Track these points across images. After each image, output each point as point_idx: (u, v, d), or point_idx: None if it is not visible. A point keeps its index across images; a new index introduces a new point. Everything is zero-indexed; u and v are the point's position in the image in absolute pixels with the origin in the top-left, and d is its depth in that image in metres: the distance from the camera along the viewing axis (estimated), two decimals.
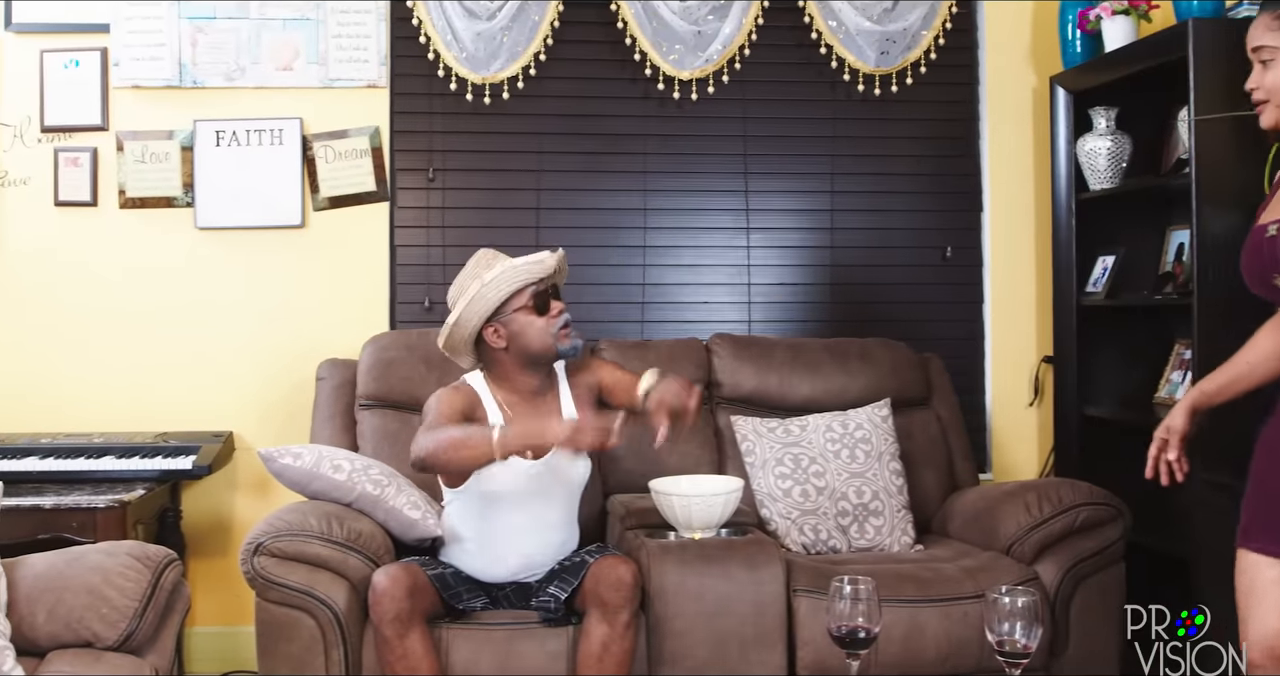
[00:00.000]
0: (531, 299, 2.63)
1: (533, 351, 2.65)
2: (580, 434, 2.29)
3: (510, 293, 2.61)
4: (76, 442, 3.30)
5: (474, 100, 3.62)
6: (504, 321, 2.63)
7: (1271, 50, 1.99)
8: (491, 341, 2.64)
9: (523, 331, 2.63)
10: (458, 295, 2.66)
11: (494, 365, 2.69)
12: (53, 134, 3.57)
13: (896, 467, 3.20)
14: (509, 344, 2.64)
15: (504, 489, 2.64)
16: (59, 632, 2.18)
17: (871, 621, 2.01)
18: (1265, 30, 2.01)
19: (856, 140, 3.79)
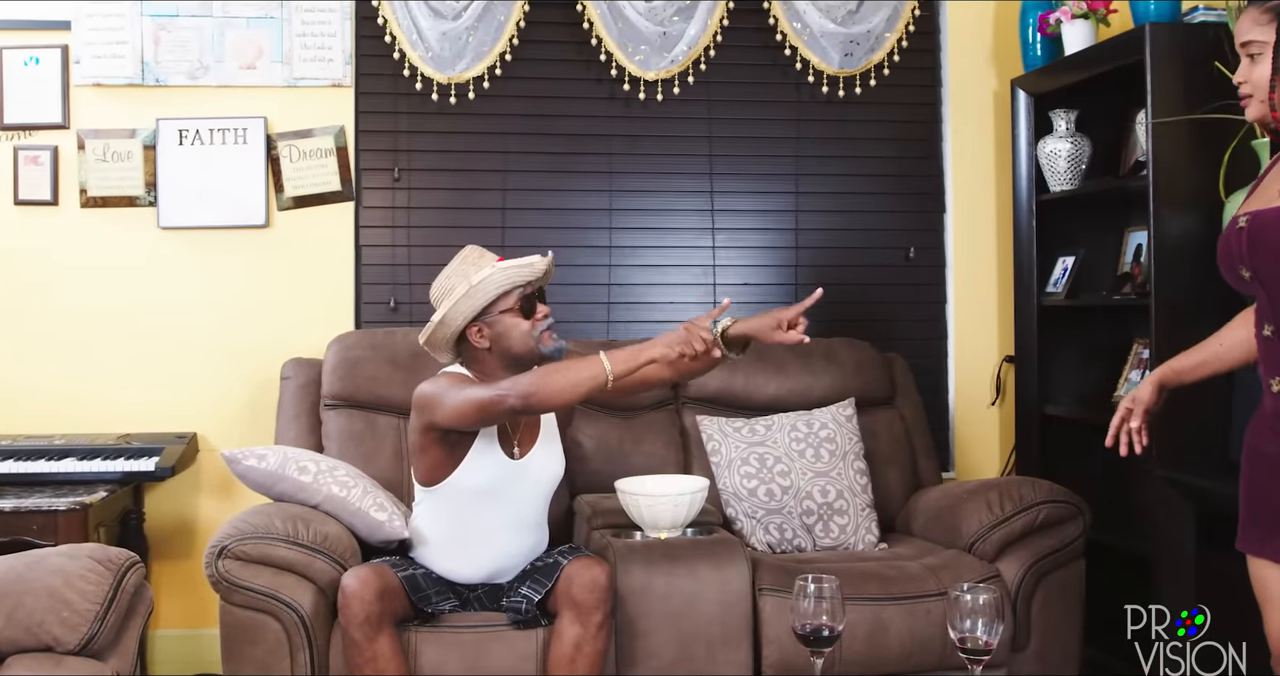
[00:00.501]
0: (518, 301, 2.63)
1: (515, 352, 2.64)
2: (687, 341, 2.39)
3: (498, 294, 2.61)
4: (37, 444, 3.27)
5: (439, 100, 3.62)
6: (489, 322, 2.62)
7: (1260, 45, 1.98)
8: (475, 341, 2.64)
9: (507, 333, 2.63)
10: (443, 292, 2.64)
11: (475, 363, 2.69)
12: (12, 132, 3.53)
13: (861, 466, 3.23)
14: (492, 344, 2.64)
15: (479, 487, 2.63)
16: (18, 637, 2.16)
17: (835, 619, 2.03)
18: (1253, 24, 2.00)
19: (821, 141, 3.82)
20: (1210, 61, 2.81)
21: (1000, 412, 3.86)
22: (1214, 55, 2.81)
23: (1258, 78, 1.98)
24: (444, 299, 2.62)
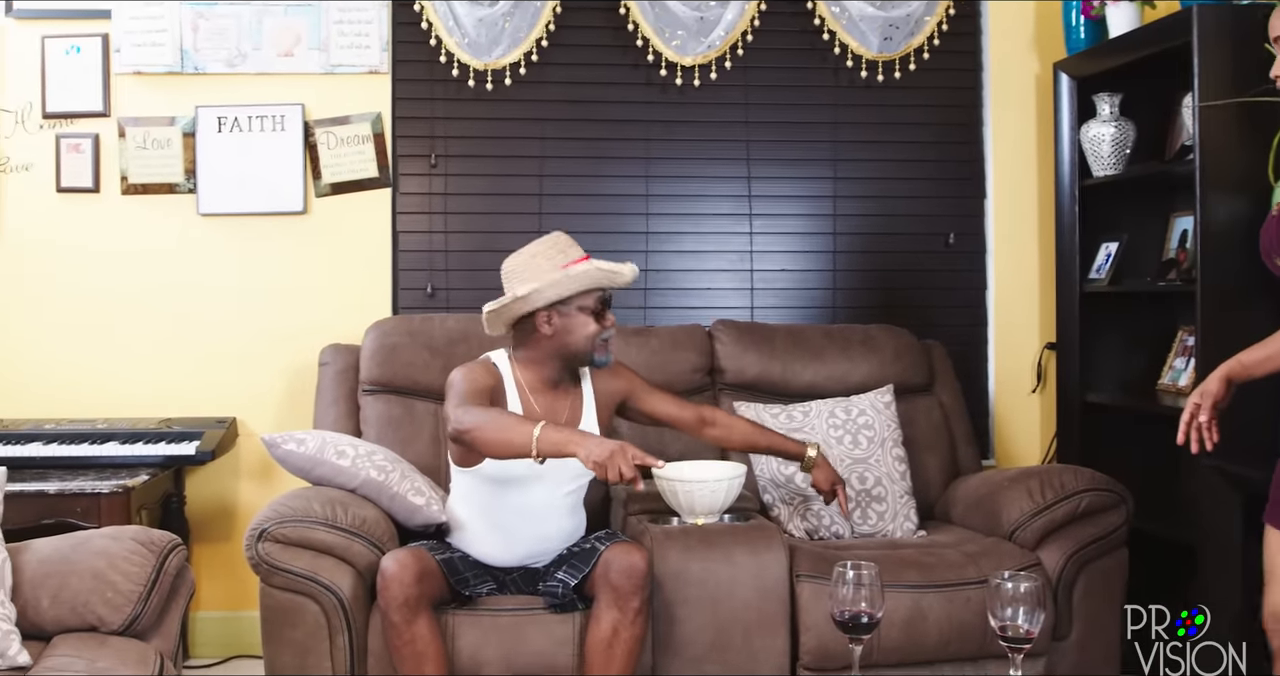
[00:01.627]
0: (596, 303, 2.65)
1: (572, 350, 2.66)
2: (620, 458, 2.26)
3: (584, 290, 2.63)
4: (80, 428, 3.31)
5: (476, 86, 3.62)
6: (563, 313, 2.64)
7: None
8: (540, 326, 2.64)
9: (574, 330, 2.64)
10: (525, 271, 2.62)
11: (528, 346, 2.70)
12: (54, 120, 3.57)
13: (899, 453, 3.21)
14: (555, 334, 2.65)
15: (516, 471, 2.64)
16: (64, 617, 2.19)
17: (874, 606, 2.01)
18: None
19: (859, 126, 3.78)
20: (1259, 43, 2.74)
21: (1041, 400, 3.82)
22: (1263, 37, 2.72)
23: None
24: (528, 276, 2.61)
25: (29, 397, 3.51)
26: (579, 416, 2.76)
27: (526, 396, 2.69)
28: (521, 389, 2.69)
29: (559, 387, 2.74)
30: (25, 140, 3.55)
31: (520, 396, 2.68)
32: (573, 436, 2.33)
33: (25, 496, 2.90)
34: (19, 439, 3.21)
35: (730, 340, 3.43)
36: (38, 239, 3.56)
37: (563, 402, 2.73)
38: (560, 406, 2.72)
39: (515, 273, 2.65)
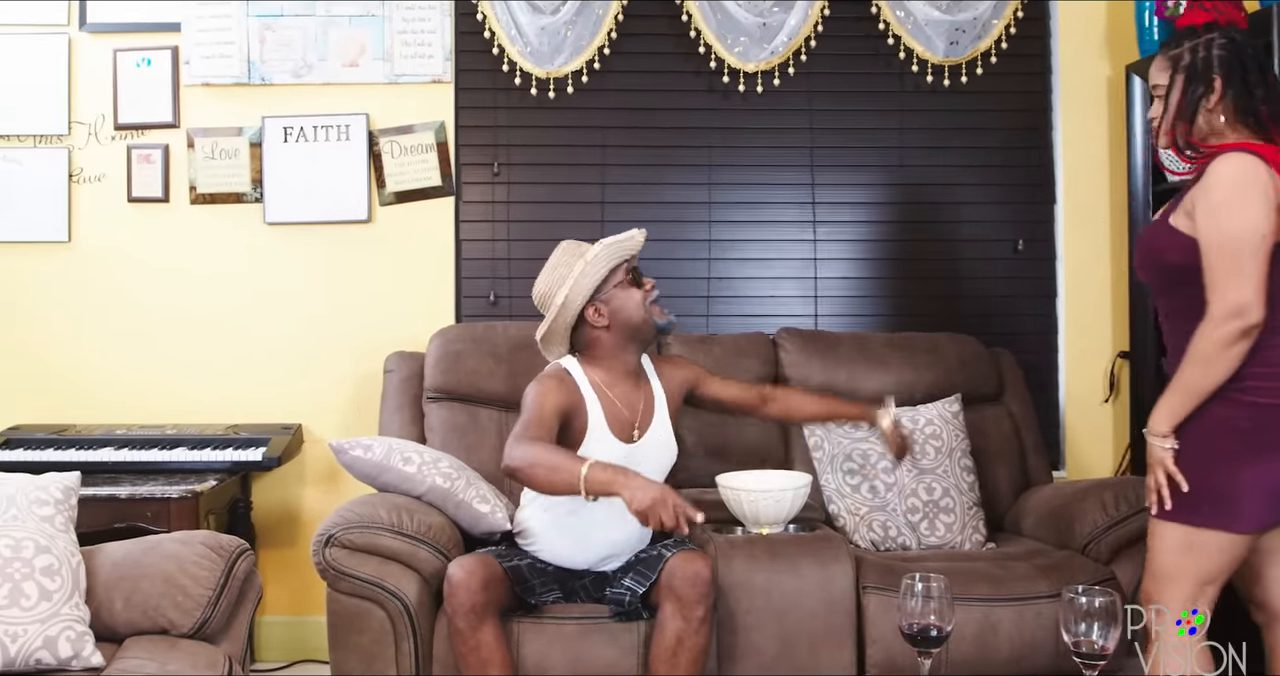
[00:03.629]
0: (627, 274, 2.69)
1: (634, 324, 2.68)
2: (662, 507, 2.24)
3: (610, 269, 2.66)
4: (150, 434, 3.36)
5: (538, 94, 3.63)
6: (605, 299, 2.66)
7: (1162, 88, 2.29)
8: (593, 320, 2.66)
9: (624, 306, 2.67)
10: (553, 284, 2.67)
11: (592, 347, 2.70)
12: (126, 131, 3.63)
13: (967, 464, 3.15)
14: (610, 321, 2.67)
15: None
16: (136, 619, 2.22)
17: (944, 620, 1.98)
18: (1157, 70, 2.31)
19: (925, 132, 3.74)
20: None
21: (1114, 410, 3.73)
22: None
23: (1158, 114, 2.30)
24: (556, 287, 2.65)
25: (100, 404, 3.58)
26: (653, 408, 2.76)
27: (605, 394, 2.68)
28: (599, 389, 2.68)
29: (633, 383, 2.74)
30: (98, 151, 3.62)
31: (599, 396, 2.67)
32: (618, 477, 2.29)
33: (97, 500, 2.95)
34: (91, 444, 3.27)
35: (794, 348, 3.39)
36: (109, 248, 3.62)
37: (637, 395, 2.73)
38: (635, 399, 2.72)
39: (547, 293, 2.68)
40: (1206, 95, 2.24)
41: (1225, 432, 2.19)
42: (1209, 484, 2.20)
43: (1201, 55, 2.24)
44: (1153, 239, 2.31)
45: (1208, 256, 2.17)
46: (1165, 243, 2.26)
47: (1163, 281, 2.30)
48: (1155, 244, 2.29)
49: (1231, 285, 2.14)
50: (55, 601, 2.11)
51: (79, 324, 3.62)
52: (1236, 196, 2.15)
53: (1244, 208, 2.15)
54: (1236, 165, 2.17)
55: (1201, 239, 2.18)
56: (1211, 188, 2.17)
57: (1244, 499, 2.18)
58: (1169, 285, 2.29)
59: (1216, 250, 2.16)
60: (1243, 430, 2.19)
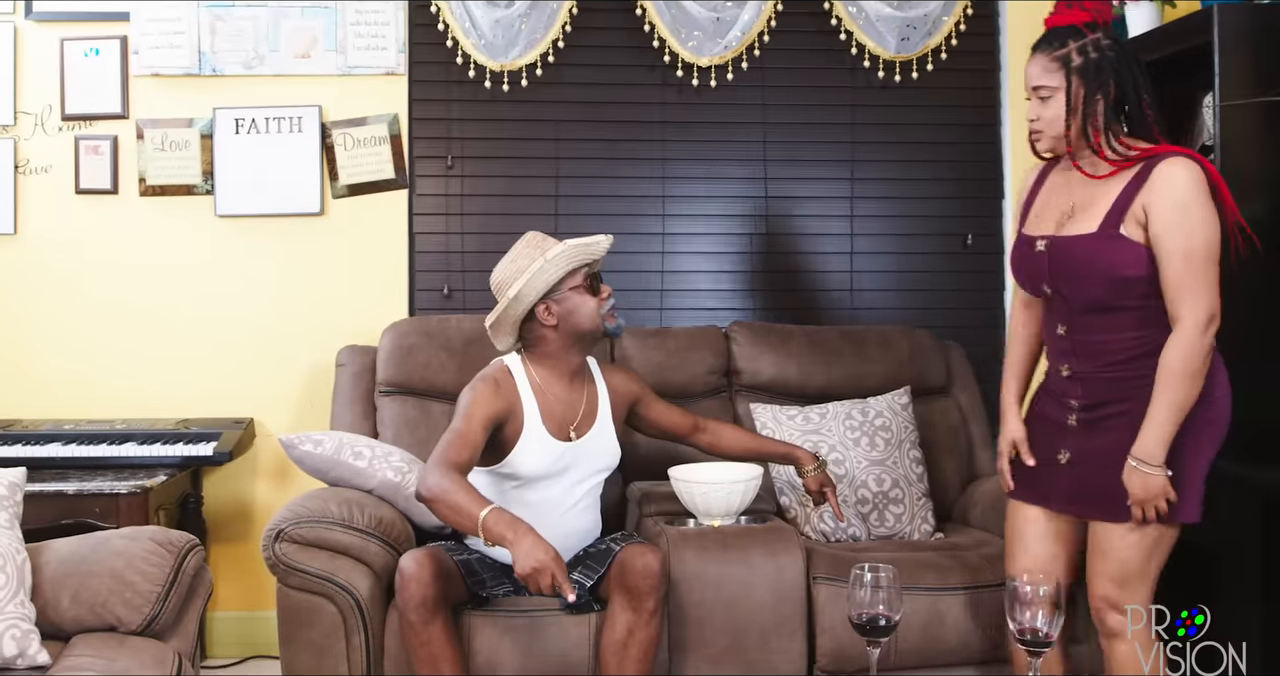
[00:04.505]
0: (585, 279, 2.68)
1: (582, 329, 2.68)
2: (541, 576, 2.26)
3: (568, 270, 2.64)
4: (99, 429, 3.32)
5: (492, 87, 3.62)
6: (558, 299, 2.66)
7: (1049, 89, 2.25)
8: (542, 318, 2.66)
9: (575, 310, 2.67)
10: (510, 275, 2.66)
11: (537, 344, 2.71)
12: (73, 122, 3.58)
13: (916, 455, 3.20)
14: (559, 322, 2.67)
15: (531, 471, 2.65)
16: (83, 616, 2.20)
17: (892, 609, 2.01)
18: (1042, 71, 2.26)
19: (877, 127, 3.77)
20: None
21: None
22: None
23: (1049, 117, 2.27)
24: (512, 278, 2.64)
25: (47, 398, 3.53)
26: (595, 410, 2.77)
27: (544, 396, 2.69)
28: (538, 389, 2.69)
29: (574, 383, 2.75)
30: (44, 142, 3.57)
31: (537, 398, 2.69)
32: (510, 534, 2.30)
33: (44, 496, 2.91)
34: (38, 439, 3.23)
35: (747, 341, 3.42)
36: (57, 240, 3.57)
37: (579, 396, 2.74)
38: (577, 399, 2.74)
39: (503, 281, 2.68)
40: (1104, 97, 2.22)
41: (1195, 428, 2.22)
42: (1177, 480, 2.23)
43: (1094, 56, 2.22)
44: (1100, 253, 2.22)
45: (1176, 266, 2.14)
46: (1118, 255, 2.20)
47: (1116, 295, 2.24)
48: (1109, 256, 2.21)
49: (1206, 293, 2.14)
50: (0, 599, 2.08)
51: (25, 317, 3.57)
52: (1200, 203, 2.15)
53: (1208, 214, 2.16)
54: (1193, 170, 2.17)
55: (1168, 248, 2.15)
56: (1175, 195, 2.15)
57: (1198, 488, 2.25)
58: (1120, 297, 2.24)
59: (1189, 260, 2.14)
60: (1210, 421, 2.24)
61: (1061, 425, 2.36)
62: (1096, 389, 2.30)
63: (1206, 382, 2.20)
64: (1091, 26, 2.26)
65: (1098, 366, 2.29)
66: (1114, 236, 2.21)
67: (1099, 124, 2.23)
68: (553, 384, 2.72)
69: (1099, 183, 2.27)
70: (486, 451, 2.63)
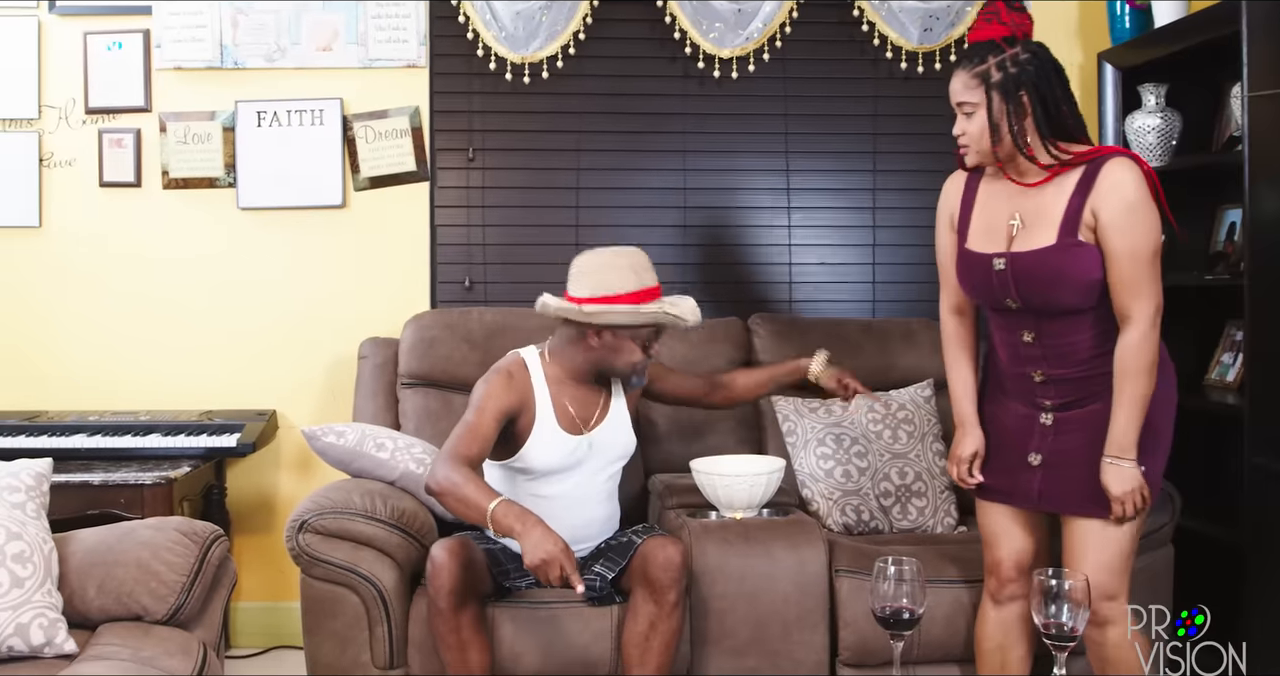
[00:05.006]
0: (649, 336, 2.65)
1: (611, 368, 2.68)
2: (550, 567, 2.27)
3: (643, 324, 2.62)
4: (123, 420, 3.34)
5: (513, 80, 3.62)
6: (616, 335, 2.62)
7: (971, 105, 2.28)
8: (589, 337, 2.64)
9: (619, 355, 2.65)
10: (594, 276, 2.60)
11: (566, 346, 2.70)
12: (97, 115, 3.60)
13: (939, 448, 3.18)
14: (599, 350, 2.65)
15: (544, 465, 2.65)
16: (109, 606, 2.22)
17: (916, 602, 2.00)
18: (964, 87, 2.29)
19: (899, 118, 3.74)
20: None
21: None
22: None
23: (974, 132, 2.29)
24: (594, 285, 2.59)
25: (72, 390, 3.56)
26: (609, 402, 2.77)
27: (558, 392, 2.69)
28: (552, 384, 2.70)
29: (586, 381, 2.75)
30: (68, 136, 3.59)
31: (551, 392, 2.69)
32: (518, 525, 2.32)
33: (70, 487, 2.94)
34: (63, 430, 3.25)
35: (768, 334, 3.41)
36: (81, 233, 3.60)
37: (593, 394, 2.74)
38: (591, 398, 2.74)
39: (585, 274, 2.62)
40: (1030, 109, 2.24)
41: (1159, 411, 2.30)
42: None
43: (1012, 71, 2.24)
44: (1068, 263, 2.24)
45: (1125, 265, 2.19)
46: (1083, 261, 2.23)
47: (1085, 299, 2.26)
48: (1074, 266, 2.23)
49: (1152, 290, 2.21)
50: (27, 588, 2.10)
51: (50, 309, 3.59)
52: (1146, 204, 2.21)
53: (1152, 214, 2.22)
54: (1137, 172, 2.21)
55: (1116, 249, 2.19)
56: (1126, 198, 2.19)
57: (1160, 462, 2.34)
58: (1090, 300, 2.26)
59: (1136, 259, 2.19)
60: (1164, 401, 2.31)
61: (1031, 427, 2.38)
62: (1070, 388, 2.33)
63: None
64: (1010, 41, 2.28)
65: (1070, 367, 2.32)
66: (1073, 244, 2.24)
67: (1029, 136, 2.26)
68: (569, 382, 2.72)
69: (1037, 190, 2.30)
70: (500, 445, 2.64)
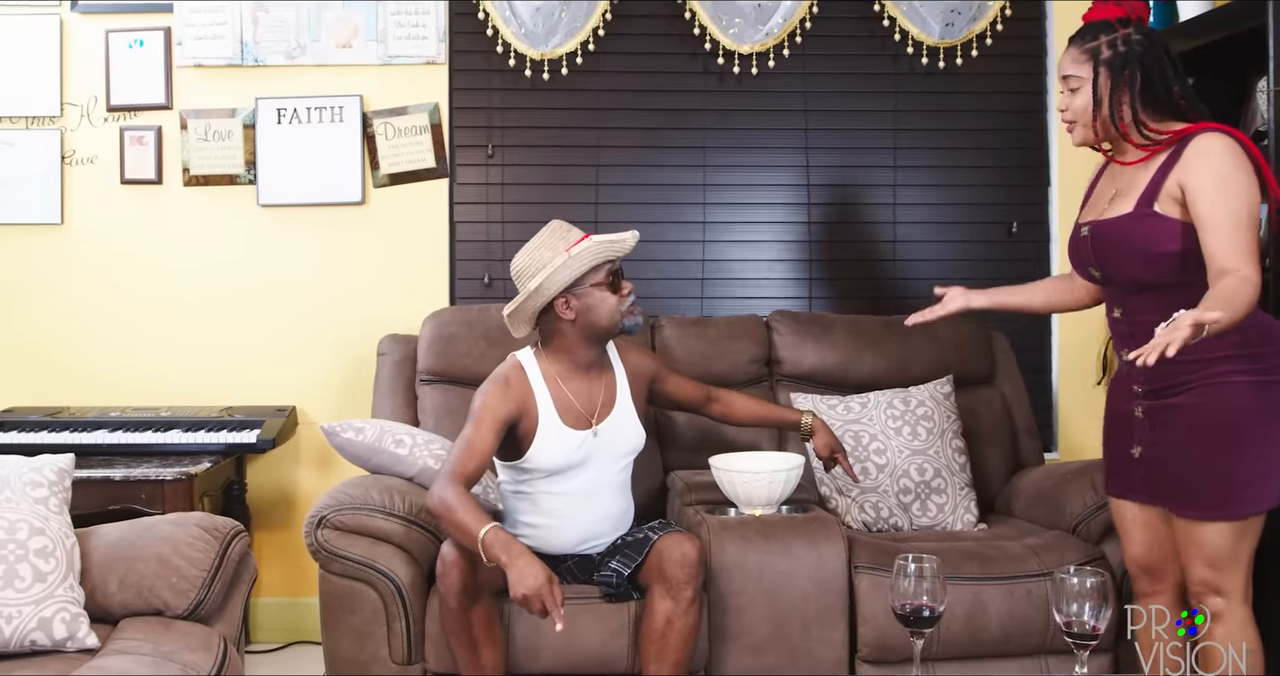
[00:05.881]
0: (608, 276, 2.64)
1: (600, 326, 2.66)
2: (532, 602, 2.25)
3: (592, 266, 2.61)
4: (144, 416, 3.36)
5: (533, 76, 3.62)
6: (579, 294, 2.63)
7: (1078, 79, 2.32)
8: (561, 313, 2.64)
9: (595, 306, 2.64)
10: (531, 265, 2.63)
11: (554, 337, 2.70)
12: (118, 113, 3.62)
13: (959, 445, 3.16)
14: (578, 317, 2.64)
15: (551, 464, 2.65)
16: (130, 601, 2.23)
17: (936, 600, 1.98)
18: (1073, 62, 2.33)
19: (920, 114, 3.73)
20: None
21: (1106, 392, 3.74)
22: None
23: (1079, 107, 2.33)
24: (535, 270, 2.61)
25: (94, 386, 3.58)
26: (614, 395, 2.75)
27: (559, 388, 2.68)
28: (552, 382, 2.68)
29: (591, 371, 2.73)
30: (90, 133, 3.61)
31: (551, 390, 2.67)
32: (504, 556, 2.29)
33: (91, 482, 2.96)
34: (85, 426, 3.27)
35: (788, 331, 3.40)
36: (102, 230, 3.62)
37: (596, 386, 2.73)
38: (595, 389, 2.72)
39: (524, 270, 2.64)
40: (1130, 87, 2.27)
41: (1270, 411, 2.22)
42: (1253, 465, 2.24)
43: (1121, 49, 2.27)
44: (1136, 231, 2.27)
45: (1229, 233, 2.13)
46: (1154, 232, 2.24)
47: (1154, 272, 2.26)
48: (1144, 234, 2.25)
49: (1255, 260, 2.14)
50: (50, 583, 2.11)
51: (72, 306, 3.62)
52: (1240, 173, 2.18)
53: (1248, 184, 2.18)
54: (1227, 143, 2.20)
55: (1216, 215, 2.15)
56: (1213, 167, 2.17)
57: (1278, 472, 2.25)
58: (1160, 274, 2.26)
59: (1240, 224, 2.14)
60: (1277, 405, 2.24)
61: (1129, 418, 2.38)
62: (1156, 374, 2.26)
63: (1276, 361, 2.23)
64: (1124, 22, 2.31)
65: None
66: (1148, 214, 2.26)
67: (1125, 114, 2.29)
68: (569, 376, 2.70)
69: (1135, 168, 2.33)
70: (509, 447, 2.65)
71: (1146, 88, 2.28)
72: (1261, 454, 2.22)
